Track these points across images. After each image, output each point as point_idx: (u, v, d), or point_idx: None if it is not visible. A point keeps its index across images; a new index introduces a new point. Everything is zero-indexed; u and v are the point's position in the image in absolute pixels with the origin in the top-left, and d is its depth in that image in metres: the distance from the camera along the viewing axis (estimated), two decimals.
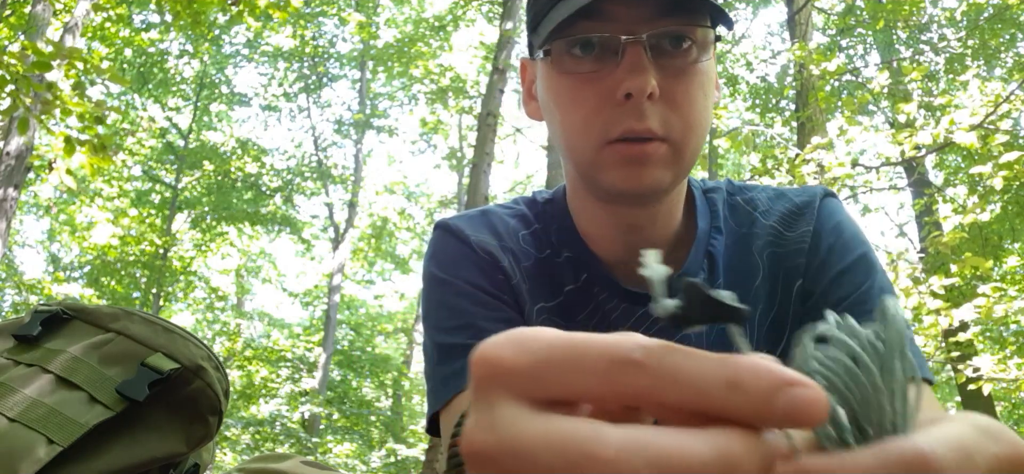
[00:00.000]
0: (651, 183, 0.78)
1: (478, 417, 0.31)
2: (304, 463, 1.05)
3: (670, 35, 0.77)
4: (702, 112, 0.80)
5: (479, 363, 0.32)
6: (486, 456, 0.30)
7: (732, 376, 0.28)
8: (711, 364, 0.29)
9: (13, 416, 0.80)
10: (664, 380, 0.29)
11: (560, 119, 0.82)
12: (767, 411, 0.28)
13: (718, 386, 0.28)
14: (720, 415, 0.28)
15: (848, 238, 0.89)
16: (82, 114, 4.31)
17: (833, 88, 6.66)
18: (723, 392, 0.28)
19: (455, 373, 0.82)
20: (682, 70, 0.78)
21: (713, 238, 0.90)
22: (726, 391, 0.28)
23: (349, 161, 15.10)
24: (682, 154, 0.79)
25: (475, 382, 0.32)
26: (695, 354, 0.29)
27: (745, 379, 0.28)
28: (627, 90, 0.75)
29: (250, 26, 10.69)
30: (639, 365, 0.29)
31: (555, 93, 0.81)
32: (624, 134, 0.76)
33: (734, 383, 0.28)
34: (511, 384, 0.31)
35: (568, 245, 0.91)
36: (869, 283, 0.85)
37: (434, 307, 0.89)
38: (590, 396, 0.30)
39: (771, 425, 0.28)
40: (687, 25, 0.77)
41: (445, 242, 0.92)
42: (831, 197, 0.93)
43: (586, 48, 0.78)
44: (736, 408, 0.28)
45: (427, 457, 5.99)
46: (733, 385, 0.28)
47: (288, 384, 12.57)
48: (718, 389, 0.28)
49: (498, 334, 0.32)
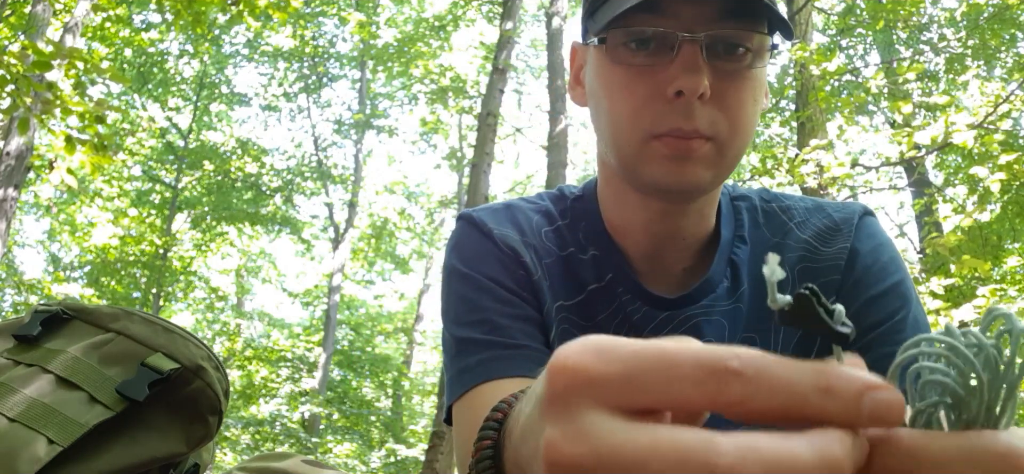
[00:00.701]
0: (693, 180, 0.78)
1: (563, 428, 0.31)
2: (305, 462, 1.05)
3: (727, 39, 0.76)
4: (750, 118, 0.79)
5: (559, 372, 0.32)
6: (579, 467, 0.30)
7: (825, 382, 0.30)
8: (805, 371, 0.30)
9: (13, 416, 0.80)
10: (761, 388, 0.30)
11: (607, 108, 0.81)
12: (855, 413, 0.30)
13: (812, 392, 0.30)
14: (811, 419, 0.30)
15: (886, 262, 0.87)
16: (82, 114, 4.31)
17: (833, 88, 6.66)
18: (816, 397, 0.30)
19: (471, 367, 0.82)
20: (735, 74, 0.77)
21: (736, 247, 0.90)
22: (819, 396, 0.30)
23: (349, 161, 15.12)
24: (725, 156, 0.79)
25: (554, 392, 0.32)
26: (787, 362, 0.30)
27: (836, 385, 0.30)
28: (679, 88, 0.75)
29: (250, 26, 10.68)
30: (737, 374, 0.30)
31: (606, 82, 0.81)
32: (671, 131, 0.76)
33: (827, 389, 0.30)
34: (598, 394, 0.31)
35: (595, 243, 0.91)
36: (904, 313, 0.84)
37: (454, 300, 0.88)
38: (683, 405, 0.30)
39: (858, 426, 0.30)
40: (746, 30, 0.76)
41: (468, 235, 0.91)
42: (871, 216, 0.92)
43: (642, 42, 0.77)
44: (828, 412, 0.30)
45: (427, 457, 5.99)
46: (825, 391, 0.30)
47: (288, 384, 12.56)
48: (812, 394, 0.30)
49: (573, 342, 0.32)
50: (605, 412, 0.31)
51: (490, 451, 0.47)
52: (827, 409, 0.30)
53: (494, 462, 0.47)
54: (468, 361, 0.83)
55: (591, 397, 0.31)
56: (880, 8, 7.32)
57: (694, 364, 0.30)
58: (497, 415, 0.49)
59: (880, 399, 0.30)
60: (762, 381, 0.30)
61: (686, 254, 0.89)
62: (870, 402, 0.30)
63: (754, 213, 0.93)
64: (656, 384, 0.30)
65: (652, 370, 0.30)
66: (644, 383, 0.30)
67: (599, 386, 0.31)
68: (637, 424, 0.30)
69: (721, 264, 0.88)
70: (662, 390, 0.30)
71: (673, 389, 0.30)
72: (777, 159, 5.94)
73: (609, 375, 0.31)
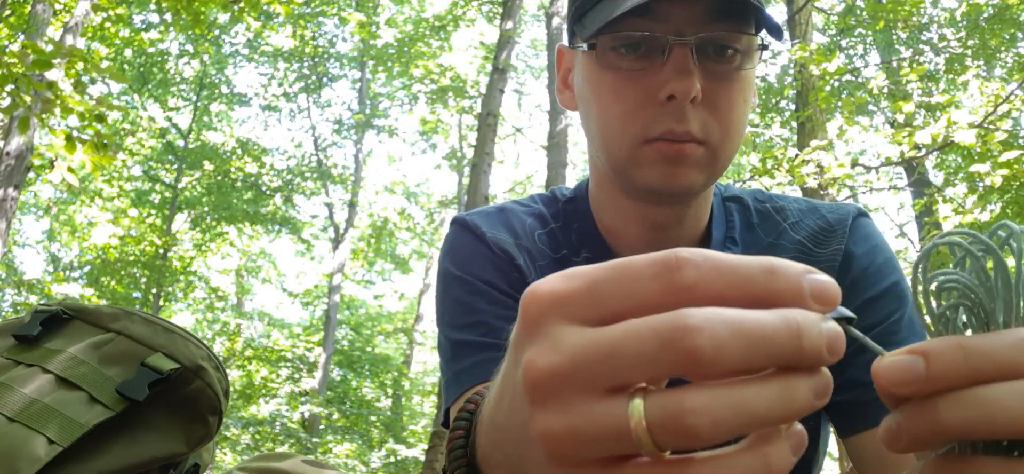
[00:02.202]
0: (686, 183, 0.78)
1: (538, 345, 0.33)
2: (305, 462, 1.05)
3: (718, 40, 0.76)
4: (741, 120, 0.79)
5: (530, 299, 0.34)
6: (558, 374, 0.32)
7: (769, 264, 0.32)
8: (747, 258, 0.32)
9: (13, 416, 0.80)
10: (710, 272, 0.31)
11: (598, 113, 0.81)
12: (799, 290, 0.32)
13: (759, 272, 0.32)
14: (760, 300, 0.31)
15: (881, 263, 0.87)
16: (83, 113, 4.31)
17: (833, 88, 6.66)
18: (764, 277, 0.32)
19: (466, 369, 0.82)
20: (726, 75, 0.77)
21: (727, 249, 0.89)
22: (766, 276, 0.32)
23: (349, 161, 15.12)
24: (717, 158, 0.79)
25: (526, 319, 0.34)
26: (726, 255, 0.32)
27: (779, 266, 0.32)
28: (671, 92, 0.74)
29: (250, 26, 10.69)
30: (686, 261, 0.31)
31: (595, 86, 0.81)
32: (663, 135, 0.76)
33: (771, 269, 0.32)
34: (565, 311, 0.33)
35: (587, 245, 0.91)
36: (900, 314, 0.84)
37: (449, 303, 0.89)
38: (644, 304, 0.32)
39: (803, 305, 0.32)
40: (736, 31, 0.76)
41: (461, 238, 0.92)
42: (865, 217, 0.92)
43: (632, 46, 0.77)
44: (775, 291, 0.31)
45: (427, 457, 5.99)
46: (770, 271, 0.32)
47: (288, 384, 12.56)
48: (760, 274, 0.32)
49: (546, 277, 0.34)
50: (576, 325, 0.32)
51: (462, 441, 0.48)
52: (773, 287, 0.31)
53: (465, 451, 0.47)
54: (464, 364, 0.83)
55: (560, 314, 0.33)
56: (880, 8, 7.32)
57: (647, 261, 0.32)
58: (469, 407, 0.50)
59: (819, 279, 0.32)
60: (710, 265, 0.31)
61: None
62: (809, 282, 0.32)
63: (747, 214, 0.92)
64: (616, 288, 0.32)
65: (610, 278, 0.32)
66: (606, 290, 0.32)
67: (566, 303, 0.33)
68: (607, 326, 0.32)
69: None
70: (623, 292, 0.32)
71: (632, 287, 0.32)
72: (777, 159, 5.93)
73: (574, 291, 0.33)
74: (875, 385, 0.34)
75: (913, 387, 0.33)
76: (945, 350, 0.33)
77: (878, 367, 0.34)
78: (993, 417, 0.31)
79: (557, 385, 0.32)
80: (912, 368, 0.33)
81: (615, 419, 0.30)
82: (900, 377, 0.33)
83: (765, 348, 0.30)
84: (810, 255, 0.89)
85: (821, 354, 0.31)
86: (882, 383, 0.34)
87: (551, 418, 0.32)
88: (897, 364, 0.33)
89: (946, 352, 0.33)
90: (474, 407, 0.49)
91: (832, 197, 5.44)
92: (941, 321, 0.35)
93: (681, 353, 0.29)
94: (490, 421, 0.42)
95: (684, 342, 0.29)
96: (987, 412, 0.32)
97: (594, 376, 0.31)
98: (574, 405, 0.31)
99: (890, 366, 0.33)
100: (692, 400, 0.30)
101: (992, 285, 0.34)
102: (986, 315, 0.34)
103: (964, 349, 0.32)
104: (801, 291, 0.32)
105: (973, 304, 0.35)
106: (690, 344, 0.29)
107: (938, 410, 0.32)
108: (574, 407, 0.31)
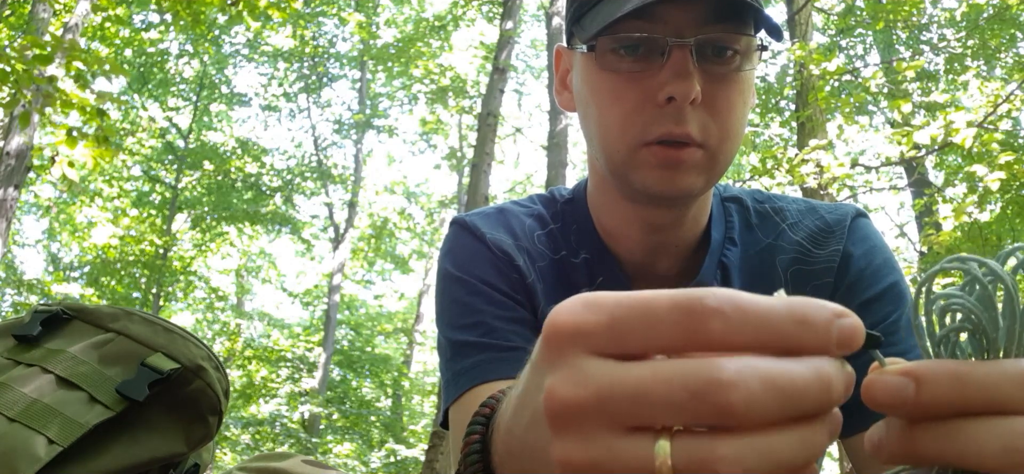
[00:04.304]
0: (685, 187, 0.78)
1: (561, 375, 0.32)
2: (305, 462, 1.05)
3: (717, 42, 0.76)
4: (740, 121, 0.79)
5: (551, 329, 0.33)
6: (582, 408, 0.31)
7: (800, 313, 0.31)
8: (778, 304, 0.31)
9: (13, 416, 0.80)
10: (737, 322, 0.30)
11: (597, 115, 0.81)
12: (826, 340, 0.31)
13: (788, 322, 0.31)
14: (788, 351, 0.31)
15: (880, 264, 0.87)
16: (83, 108, 4.32)
17: (833, 88, 6.66)
18: (792, 328, 0.31)
19: (466, 370, 0.82)
20: (725, 77, 0.77)
21: (726, 249, 0.90)
22: (795, 327, 0.31)
23: (349, 161, 15.12)
24: (717, 161, 0.79)
25: (549, 345, 0.34)
26: (759, 298, 0.31)
27: (810, 314, 0.31)
28: (670, 94, 0.74)
29: (249, 26, 10.68)
30: (713, 311, 0.30)
31: (594, 88, 0.80)
32: (662, 137, 0.76)
33: (802, 319, 0.31)
34: (589, 343, 0.32)
35: (586, 246, 0.91)
36: (898, 315, 0.84)
37: (448, 304, 0.88)
38: (666, 346, 0.31)
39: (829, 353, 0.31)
40: (735, 33, 0.76)
41: (461, 239, 0.92)
42: (863, 218, 0.91)
43: (631, 48, 0.76)
44: (803, 342, 0.31)
45: (427, 457, 5.98)
46: (801, 321, 0.31)
47: (288, 384, 12.56)
48: (788, 325, 0.31)
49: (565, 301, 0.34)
50: (598, 358, 0.32)
51: (478, 445, 0.48)
52: (803, 338, 0.31)
53: (482, 456, 0.47)
54: (463, 364, 0.83)
55: (583, 346, 0.32)
56: (880, 8, 7.32)
57: (670, 305, 0.31)
58: (485, 410, 0.50)
59: (846, 325, 0.32)
60: (737, 315, 0.30)
61: (677, 257, 0.89)
62: (837, 328, 0.31)
63: (746, 215, 0.92)
64: (639, 328, 0.31)
65: (632, 317, 0.32)
66: (627, 328, 0.32)
67: (588, 335, 0.32)
68: (634, 362, 0.31)
69: (711, 266, 0.88)
70: (646, 334, 0.31)
71: (654, 332, 0.31)
72: (777, 159, 5.93)
73: (596, 325, 0.32)
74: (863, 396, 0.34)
75: (901, 410, 0.33)
76: (937, 377, 0.33)
77: (870, 383, 0.34)
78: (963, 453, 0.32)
79: (580, 418, 0.31)
80: (902, 391, 0.33)
81: (639, 458, 0.30)
82: (890, 398, 0.33)
83: (798, 403, 0.30)
84: (809, 255, 0.89)
85: (841, 401, 0.32)
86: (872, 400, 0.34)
87: (571, 447, 0.32)
88: (888, 385, 0.33)
89: (939, 380, 0.33)
90: (490, 411, 0.49)
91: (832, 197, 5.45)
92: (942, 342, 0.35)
93: (713, 406, 0.29)
94: (508, 432, 0.43)
95: (717, 397, 0.29)
96: (960, 448, 0.32)
97: (618, 414, 0.31)
98: (596, 439, 0.31)
99: (882, 385, 0.33)
100: (723, 449, 0.29)
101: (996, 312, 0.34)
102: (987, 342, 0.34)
103: (958, 378, 0.32)
104: (829, 342, 0.31)
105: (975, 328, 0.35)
106: (724, 400, 0.29)
107: (916, 436, 0.33)
108: (596, 441, 0.31)
